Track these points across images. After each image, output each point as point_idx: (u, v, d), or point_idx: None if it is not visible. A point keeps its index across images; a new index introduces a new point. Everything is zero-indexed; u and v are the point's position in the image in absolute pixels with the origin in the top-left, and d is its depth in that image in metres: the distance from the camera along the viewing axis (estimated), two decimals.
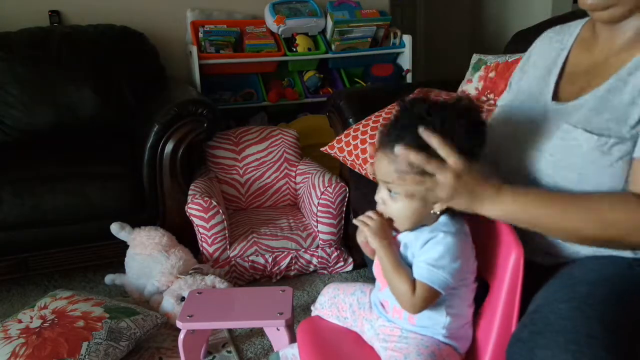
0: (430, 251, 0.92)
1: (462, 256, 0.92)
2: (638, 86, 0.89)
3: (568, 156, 0.93)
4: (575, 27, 1.08)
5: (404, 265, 0.95)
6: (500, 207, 0.90)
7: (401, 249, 0.98)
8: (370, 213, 0.97)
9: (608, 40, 0.98)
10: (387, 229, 0.96)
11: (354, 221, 1.00)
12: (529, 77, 1.12)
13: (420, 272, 0.92)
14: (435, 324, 0.97)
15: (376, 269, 1.04)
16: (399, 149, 0.87)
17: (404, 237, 0.98)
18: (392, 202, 0.94)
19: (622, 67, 0.92)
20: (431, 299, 0.93)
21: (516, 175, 1.01)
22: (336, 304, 1.14)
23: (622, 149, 0.89)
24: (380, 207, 0.97)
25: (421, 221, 0.95)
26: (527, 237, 0.97)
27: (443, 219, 0.95)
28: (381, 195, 0.96)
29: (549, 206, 0.89)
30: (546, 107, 1.02)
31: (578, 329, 0.78)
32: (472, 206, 0.90)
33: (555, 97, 1.03)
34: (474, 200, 0.90)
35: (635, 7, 0.92)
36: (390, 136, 0.92)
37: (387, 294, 1.00)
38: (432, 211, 0.93)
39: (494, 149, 1.03)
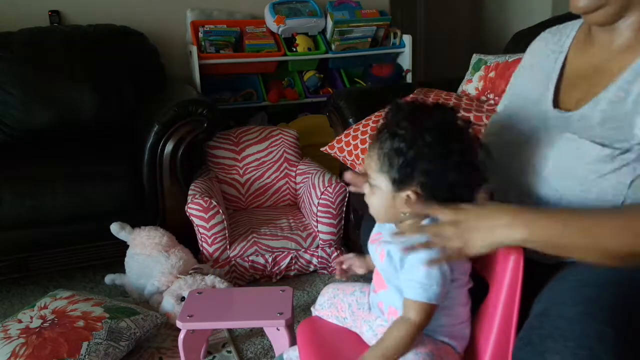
0: (418, 269, 0.90)
1: (448, 262, 0.91)
2: (637, 92, 0.88)
3: (572, 165, 0.92)
4: (572, 29, 1.07)
5: (382, 340, 0.94)
6: (520, 231, 0.85)
7: (384, 259, 0.97)
8: None
9: (605, 42, 0.97)
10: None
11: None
12: (525, 80, 1.11)
13: (415, 292, 0.91)
14: (431, 326, 0.97)
15: (375, 275, 1.05)
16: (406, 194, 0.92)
17: (386, 245, 0.97)
18: (370, 194, 0.97)
19: (621, 75, 0.91)
20: (432, 313, 0.92)
21: (516, 183, 1.00)
22: (335, 304, 1.14)
23: (626, 157, 0.89)
24: (365, 198, 1.00)
25: (394, 219, 0.97)
26: None
27: (425, 223, 0.94)
28: (366, 186, 0.99)
29: (576, 220, 0.84)
30: (547, 115, 1.01)
31: (588, 333, 0.78)
32: (492, 242, 0.87)
33: (556, 104, 1.02)
34: (489, 235, 0.86)
35: (625, 5, 0.91)
36: (374, 138, 0.97)
37: (382, 296, 1.01)
38: (401, 211, 0.94)
39: (494, 157, 1.02)
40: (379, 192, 0.95)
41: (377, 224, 1.06)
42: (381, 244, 0.99)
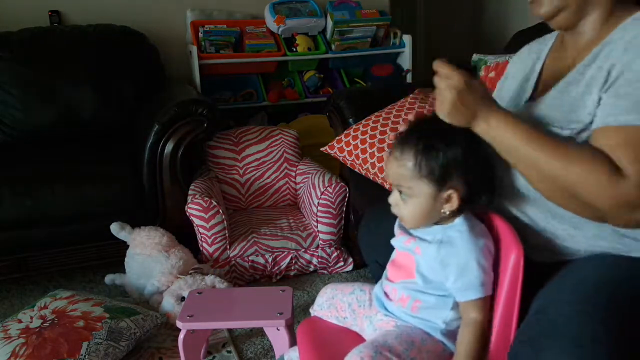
0: (467, 273, 0.93)
1: (486, 256, 0.95)
2: (592, 75, 0.92)
3: None
4: (550, 39, 1.13)
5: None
6: (488, 127, 0.92)
7: (412, 246, 0.99)
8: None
9: (573, 44, 1.02)
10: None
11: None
12: (509, 86, 1.17)
13: (469, 293, 0.93)
14: (436, 317, 0.99)
15: (390, 265, 1.07)
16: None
17: (421, 244, 0.99)
18: (403, 204, 0.98)
19: (581, 62, 0.96)
20: (489, 304, 0.95)
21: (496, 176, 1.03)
22: (334, 304, 1.14)
23: (583, 136, 0.92)
24: (394, 210, 1.01)
25: (432, 221, 0.98)
26: (527, 235, 0.98)
27: (459, 221, 0.97)
28: (394, 197, 1.00)
29: (532, 139, 0.90)
30: (519, 108, 1.07)
31: (583, 332, 0.79)
32: (469, 122, 0.93)
33: (532, 98, 1.07)
34: (472, 117, 0.92)
35: (582, 5, 0.96)
36: (398, 141, 0.98)
37: (400, 284, 1.02)
38: (442, 211, 0.96)
39: None
40: (414, 200, 0.96)
41: (397, 225, 1.07)
42: (415, 241, 1.00)
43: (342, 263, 2.12)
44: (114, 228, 1.95)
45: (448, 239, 0.95)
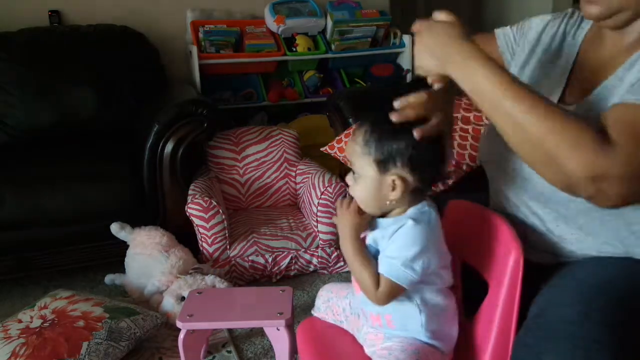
0: (395, 244, 0.91)
1: (428, 247, 0.91)
2: (631, 82, 0.87)
3: None
4: (586, 21, 1.06)
5: (368, 256, 0.95)
6: (460, 72, 0.88)
7: (369, 241, 0.98)
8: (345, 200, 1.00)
9: (616, 40, 0.96)
10: (357, 219, 0.97)
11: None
12: (534, 66, 1.09)
13: (385, 268, 0.92)
14: (412, 323, 0.96)
15: (353, 279, 1.04)
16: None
17: (373, 234, 0.98)
18: (354, 184, 0.97)
19: (621, 67, 0.91)
20: (396, 294, 0.93)
21: (510, 173, 1.01)
22: (331, 307, 1.14)
23: None
24: (349, 190, 0.99)
25: (381, 207, 0.96)
26: (531, 236, 0.97)
27: (411, 210, 0.94)
28: (349, 177, 0.98)
29: (512, 87, 0.83)
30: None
31: (584, 334, 0.78)
32: (443, 62, 0.89)
33: (562, 98, 1.01)
34: (444, 55, 0.89)
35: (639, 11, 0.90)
36: (361, 119, 0.97)
37: (363, 299, 0.99)
38: (387, 201, 0.94)
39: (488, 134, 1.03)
40: (363, 181, 0.94)
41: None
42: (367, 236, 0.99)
43: (342, 263, 2.12)
44: (114, 228, 1.95)
45: (399, 228, 0.92)
